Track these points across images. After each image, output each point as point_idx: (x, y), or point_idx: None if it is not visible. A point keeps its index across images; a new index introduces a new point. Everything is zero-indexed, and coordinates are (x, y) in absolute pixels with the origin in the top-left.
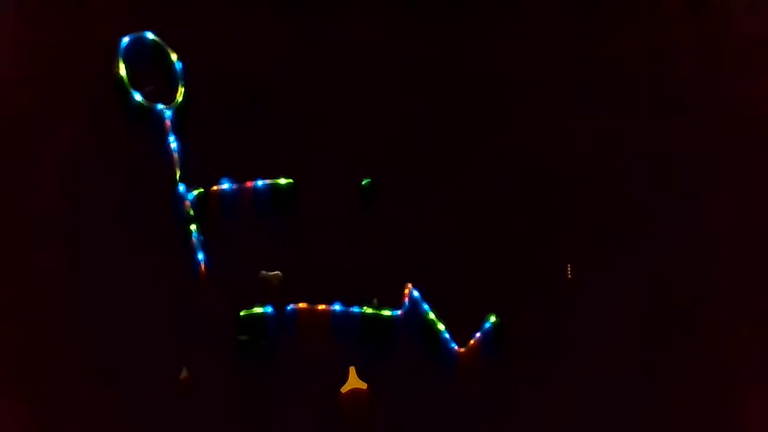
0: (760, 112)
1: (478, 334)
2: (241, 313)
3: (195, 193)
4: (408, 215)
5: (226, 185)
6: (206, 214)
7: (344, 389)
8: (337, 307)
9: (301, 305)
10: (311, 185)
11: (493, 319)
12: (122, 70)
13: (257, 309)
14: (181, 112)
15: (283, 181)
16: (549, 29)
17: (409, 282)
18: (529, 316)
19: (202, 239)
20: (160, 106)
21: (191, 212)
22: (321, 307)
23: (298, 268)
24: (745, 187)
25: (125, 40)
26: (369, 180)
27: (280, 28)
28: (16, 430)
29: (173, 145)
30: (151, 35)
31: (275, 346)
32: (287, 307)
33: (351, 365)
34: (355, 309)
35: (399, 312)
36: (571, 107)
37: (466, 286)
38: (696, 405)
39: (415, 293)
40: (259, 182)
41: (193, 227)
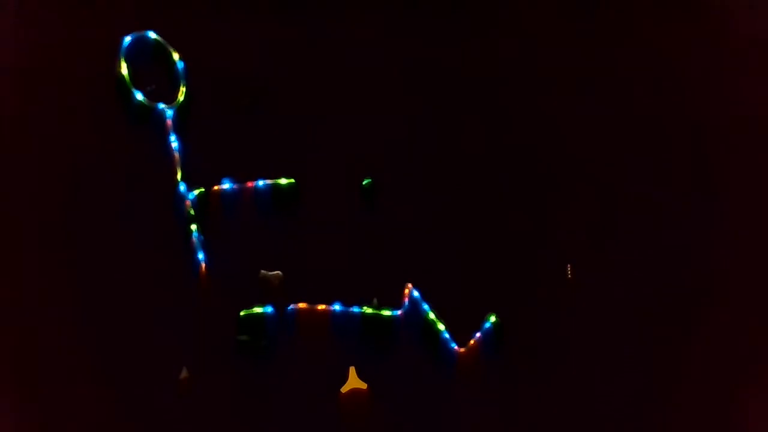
0: (760, 112)
1: (478, 334)
2: (241, 313)
3: (196, 192)
4: (408, 215)
5: (227, 185)
6: (207, 213)
7: (344, 389)
8: (337, 307)
9: (301, 305)
10: (312, 185)
11: (493, 319)
12: (124, 69)
13: (257, 309)
14: (182, 112)
15: (284, 181)
16: (549, 29)
17: (409, 282)
18: (529, 316)
19: (203, 239)
20: (161, 106)
21: (192, 212)
22: (321, 307)
23: (299, 268)
24: (745, 187)
25: (127, 39)
26: (369, 180)
27: (281, 28)
28: (16, 430)
29: (174, 145)
30: (153, 35)
31: (275, 346)
32: (288, 307)
33: (351, 365)
34: (355, 309)
35: (399, 312)
36: (571, 107)
37: (466, 286)
38: (696, 405)
39: (415, 293)
40: (260, 182)
41: (193, 227)
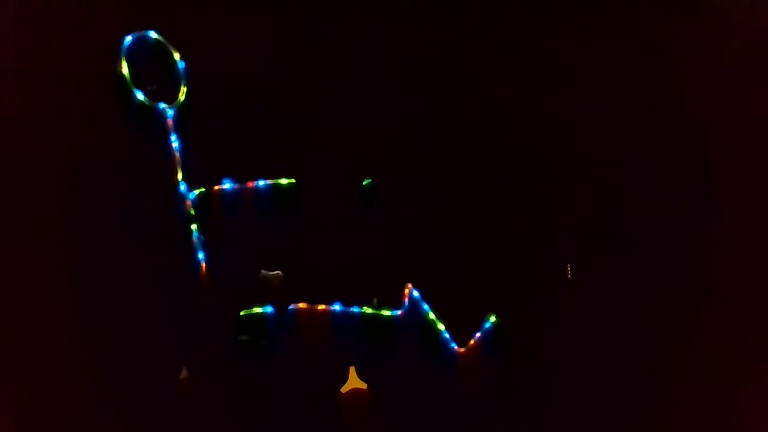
0: (760, 112)
1: (478, 334)
2: (241, 313)
3: (196, 192)
4: (408, 215)
5: (227, 185)
6: (207, 213)
7: (344, 389)
8: (337, 307)
9: (301, 305)
10: (312, 185)
11: (493, 319)
12: (125, 69)
13: (257, 309)
14: (183, 112)
15: (284, 181)
16: (549, 29)
17: (409, 282)
18: (529, 316)
19: (203, 239)
20: (162, 106)
21: (192, 212)
22: (321, 307)
23: (299, 268)
24: (745, 187)
25: (128, 39)
26: (370, 180)
27: (282, 28)
28: (16, 430)
29: (175, 145)
30: (154, 34)
31: (275, 346)
32: (288, 307)
33: (351, 365)
34: (355, 309)
35: (399, 312)
36: (571, 107)
37: (466, 286)
38: (696, 405)
39: (415, 293)
40: (261, 182)
41: (194, 227)
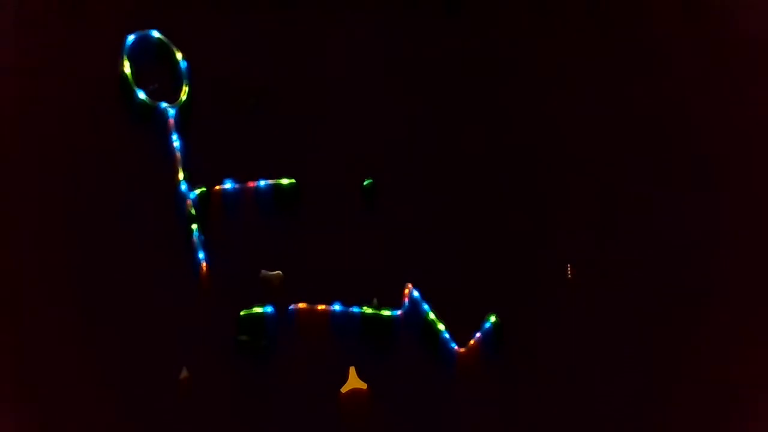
0: (760, 112)
1: (478, 334)
2: (241, 313)
3: (197, 192)
4: (408, 215)
5: (228, 185)
6: (208, 213)
7: (344, 389)
8: (337, 307)
9: (301, 305)
10: (313, 185)
11: (493, 319)
12: (127, 68)
13: (257, 309)
14: (184, 111)
15: (285, 181)
16: (549, 29)
17: (409, 282)
18: (529, 316)
19: (204, 239)
20: (163, 105)
21: (193, 211)
22: (321, 307)
23: (299, 268)
24: (745, 187)
25: (130, 38)
26: (370, 180)
27: (283, 28)
28: (16, 430)
29: (176, 144)
30: (157, 34)
31: (275, 346)
32: (289, 307)
33: (351, 365)
34: (355, 309)
35: (399, 312)
36: (571, 107)
37: (466, 286)
38: (696, 405)
39: (415, 293)
40: (262, 182)
41: (194, 227)
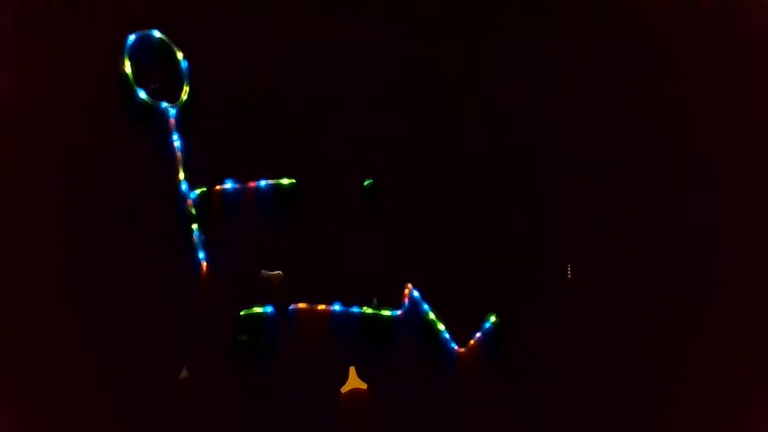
0: (760, 112)
1: (478, 334)
2: (241, 313)
3: (197, 192)
4: (408, 215)
5: (228, 185)
6: (208, 213)
7: (344, 389)
8: (337, 307)
9: (301, 305)
10: (313, 185)
11: (493, 319)
12: (128, 67)
13: (257, 309)
14: (185, 111)
15: (285, 181)
16: (549, 29)
17: (409, 282)
18: (529, 316)
19: (204, 238)
20: (164, 105)
21: (193, 211)
22: (321, 307)
23: (299, 268)
24: (745, 187)
25: (131, 38)
26: (371, 180)
27: (284, 28)
28: (16, 430)
29: (177, 144)
30: (158, 34)
31: (275, 346)
32: (289, 307)
33: (351, 365)
34: (355, 309)
35: (399, 312)
36: (571, 107)
37: (466, 286)
38: (696, 405)
39: (415, 293)
40: (262, 182)
41: (195, 226)
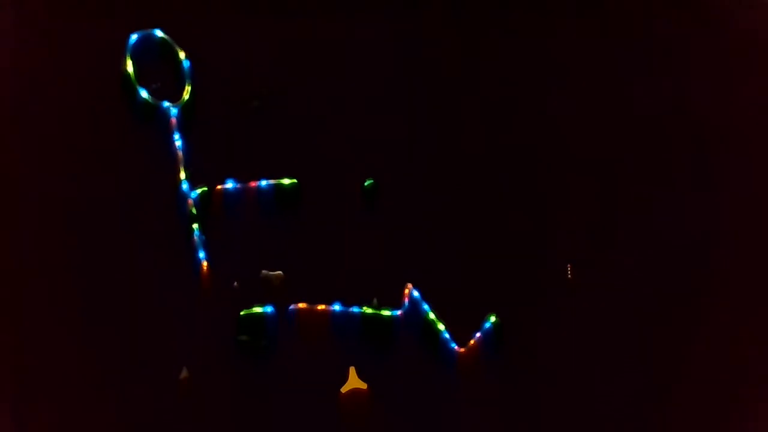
0: (760, 112)
1: (478, 334)
2: (241, 313)
3: (198, 191)
4: (408, 215)
5: (230, 184)
6: (209, 213)
7: (344, 389)
8: (337, 307)
9: (301, 305)
10: (314, 185)
11: (493, 319)
12: (129, 67)
13: (257, 309)
14: (187, 111)
15: (286, 181)
16: (549, 29)
17: (409, 282)
18: (529, 316)
19: (204, 238)
20: (166, 104)
21: (194, 211)
22: (321, 307)
23: (299, 268)
24: (745, 187)
25: (133, 37)
26: (372, 181)
27: (285, 28)
28: (16, 430)
29: (178, 143)
30: (160, 33)
31: (275, 346)
32: (289, 307)
33: (351, 365)
34: (355, 309)
35: (399, 312)
36: (571, 107)
37: (466, 286)
38: (696, 405)
39: (415, 293)
40: (263, 182)
41: (195, 226)
